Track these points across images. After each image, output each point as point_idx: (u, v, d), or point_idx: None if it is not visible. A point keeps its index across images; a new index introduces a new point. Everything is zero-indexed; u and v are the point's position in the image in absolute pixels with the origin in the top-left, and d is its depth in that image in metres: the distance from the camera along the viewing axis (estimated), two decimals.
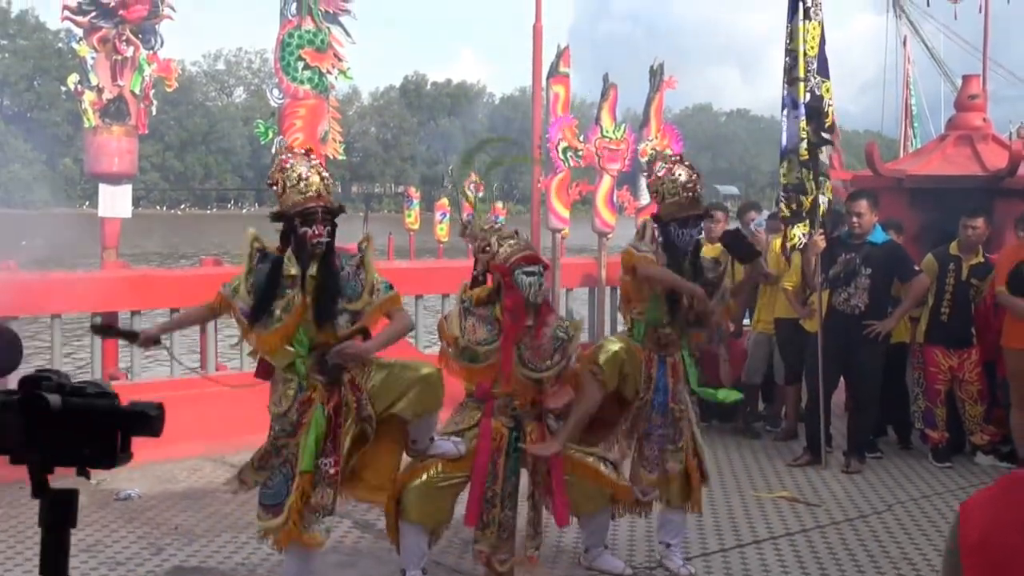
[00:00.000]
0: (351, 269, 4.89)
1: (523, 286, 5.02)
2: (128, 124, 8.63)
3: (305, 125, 8.92)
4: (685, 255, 5.57)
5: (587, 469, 5.28)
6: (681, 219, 5.47)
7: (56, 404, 1.56)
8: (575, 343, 5.19)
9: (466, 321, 5.10)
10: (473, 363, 5.12)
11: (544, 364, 5.11)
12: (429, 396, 4.92)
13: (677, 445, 5.64)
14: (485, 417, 5.18)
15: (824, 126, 7.65)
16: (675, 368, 5.63)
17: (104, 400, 1.59)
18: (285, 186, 4.71)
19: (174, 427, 1.93)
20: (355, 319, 4.89)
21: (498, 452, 5.16)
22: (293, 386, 4.84)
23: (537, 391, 5.17)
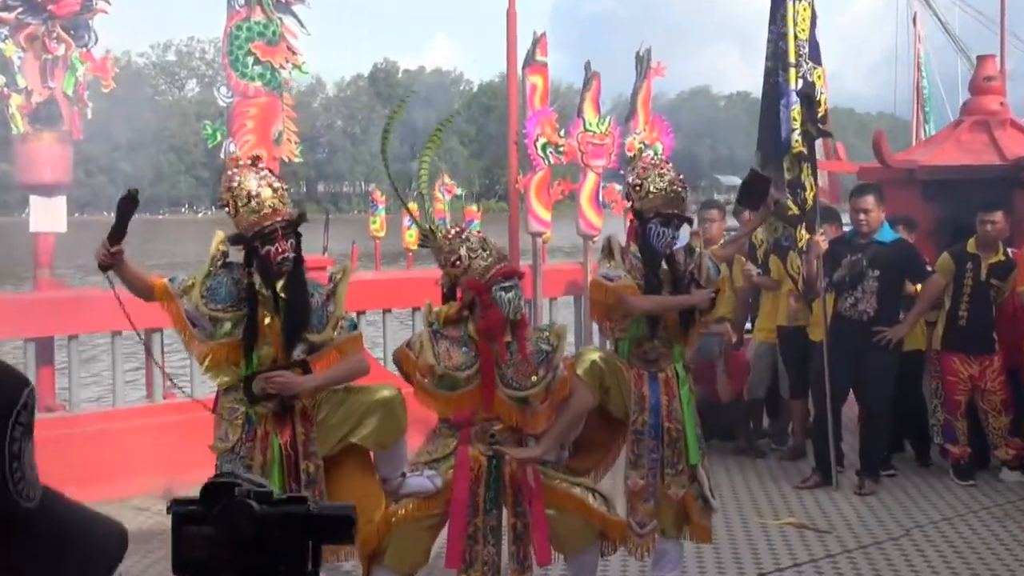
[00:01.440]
0: (320, 298, 4.95)
1: (502, 304, 4.98)
2: (61, 129, 8.58)
3: (257, 126, 8.87)
4: (662, 258, 5.57)
5: (572, 501, 5.25)
6: (665, 216, 5.48)
7: (260, 514, 1.47)
8: (560, 352, 5.17)
9: (438, 346, 5.06)
10: (453, 391, 5.09)
11: (529, 381, 5.08)
12: (391, 423, 4.92)
13: (677, 468, 5.63)
14: (461, 445, 5.14)
15: (818, 116, 7.64)
16: (668, 384, 5.62)
17: (299, 506, 1.52)
18: (237, 206, 4.74)
19: (119, 462, 1.88)
20: (311, 352, 4.92)
21: (477, 483, 5.12)
22: (240, 417, 4.84)
23: (522, 412, 5.13)
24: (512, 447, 5.17)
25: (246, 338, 4.80)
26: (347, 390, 5.00)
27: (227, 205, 4.79)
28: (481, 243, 5.13)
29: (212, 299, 4.82)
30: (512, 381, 5.08)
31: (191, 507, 1.50)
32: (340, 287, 4.99)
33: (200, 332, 4.84)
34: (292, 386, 4.85)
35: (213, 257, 4.86)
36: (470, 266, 5.05)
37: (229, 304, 4.82)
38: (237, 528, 1.48)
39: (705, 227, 9.19)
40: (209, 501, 1.49)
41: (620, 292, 5.49)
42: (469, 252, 5.07)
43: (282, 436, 4.84)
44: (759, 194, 6.00)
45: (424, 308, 5.21)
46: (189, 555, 1.51)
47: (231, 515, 1.49)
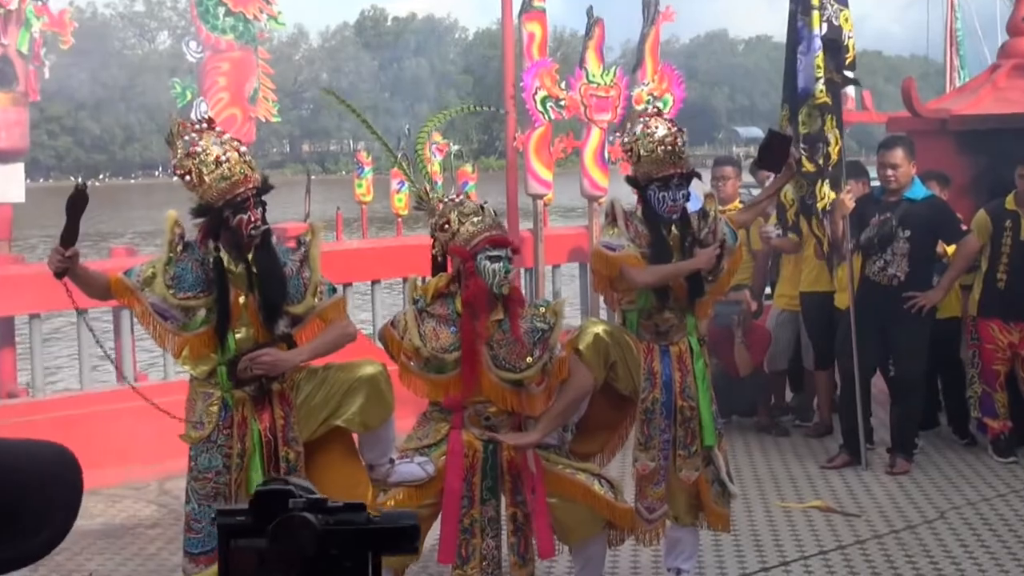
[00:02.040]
0: (293, 266, 4.91)
1: (485, 273, 4.97)
2: (16, 91, 8.54)
3: (230, 83, 8.84)
4: (670, 224, 5.54)
5: (576, 488, 5.25)
6: (661, 179, 5.44)
7: (320, 526, 1.45)
8: (557, 331, 5.16)
9: (424, 325, 5.06)
10: (442, 374, 5.08)
11: (523, 363, 5.08)
12: (377, 402, 4.91)
13: (690, 450, 5.63)
14: (454, 430, 5.14)
15: (845, 62, 7.59)
16: (681, 358, 5.61)
17: (358, 515, 1.50)
18: (202, 174, 4.67)
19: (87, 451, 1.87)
20: (294, 325, 4.91)
21: (472, 471, 5.13)
22: (216, 403, 4.82)
23: (517, 395, 5.13)
24: (509, 431, 5.17)
25: (220, 322, 4.77)
26: (327, 367, 4.98)
27: (188, 173, 4.68)
28: (476, 209, 5.11)
29: (179, 287, 4.76)
30: (505, 362, 5.07)
31: (239, 518, 1.48)
32: (312, 250, 4.95)
33: (172, 324, 4.79)
34: (281, 363, 4.82)
35: (171, 242, 4.78)
36: (458, 231, 5.03)
37: (200, 289, 4.77)
38: (296, 543, 1.45)
39: (719, 185, 9.17)
40: (260, 512, 1.47)
41: (622, 263, 5.46)
42: (460, 216, 5.05)
43: (261, 421, 4.83)
44: (780, 154, 5.96)
45: (408, 284, 5.21)
46: (238, 572, 1.49)
47: (290, 529, 1.45)
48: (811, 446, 8.75)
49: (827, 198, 7.74)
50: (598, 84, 10.04)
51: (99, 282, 4.83)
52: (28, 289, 7.98)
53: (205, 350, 4.81)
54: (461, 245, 5.03)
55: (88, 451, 7.29)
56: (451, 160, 12.67)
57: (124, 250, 9.60)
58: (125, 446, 7.74)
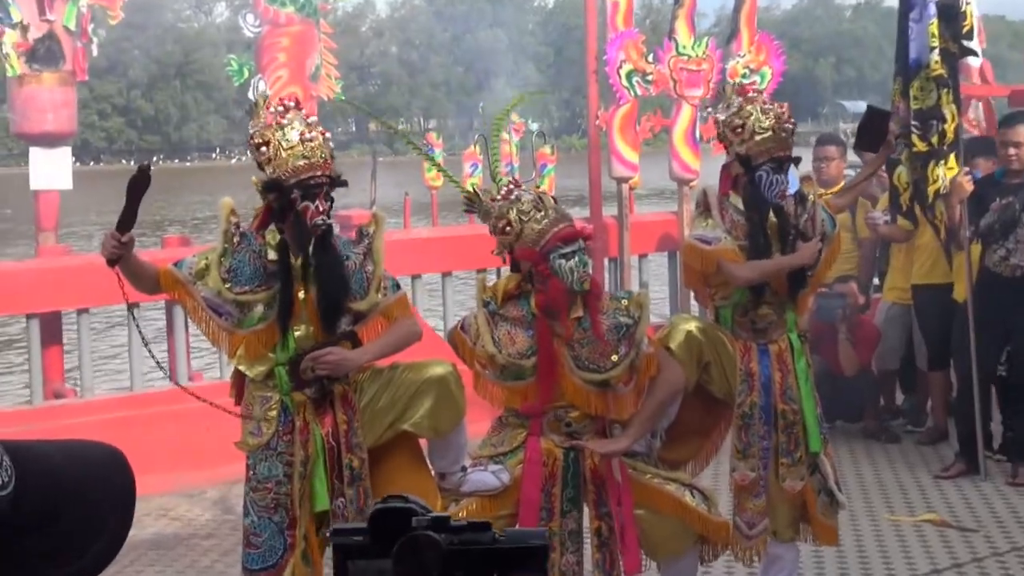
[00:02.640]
0: (356, 259, 4.93)
1: (563, 273, 4.94)
2: (62, 70, 8.67)
3: (290, 59, 8.92)
4: (769, 211, 5.52)
5: (666, 500, 5.23)
6: (775, 160, 5.44)
7: (445, 546, 1.47)
8: (643, 324, 5.13)
9: (498, 329, 5.05)
10: (520, 380, 5.08)
11: (608, 361, 5.06)
12: (447, 405, 4.93)
13: (794, 457, 5.61)
14: (532, 436, 5.14)
15: (963, 31, 7.48)
16: (781, 357, 5.59)
17: (483, 535, 1.51)
18: (281, 147, 4.71)
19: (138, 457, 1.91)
20: (357, 322, 4.94)
21: (552, 480, 5.12)
22: (275, 407, 4.86)
23: (603, 398, 5.11)
24: (592, 438, 5.16)
25: (281, 317, 4.80)
26: (393, 368, 5.00)
27: (265, 144, 4.72)
28: (535, 203, 5.04)
29: (236, 280, 4.79)
30: (588, 363, 5.05)
31: (357, 538, 1.49)
32: (376, 242, 4.96)
33: (227, 321, 4.83)
34: (346, 363, 4.85)
35: (227, 232, 4.81)
36: (522, 232, 5.00)
37: (258, 283, 4.80)
38: (421, 564, 1.47)
39: (821, 167, 9.10)
40: (380, 531, 1.49)
41: (719, 258, 5.45)
42: (520, 215, 5.01)
43: (323, 426, 4.86)
44: (878, 132, 5.92)
45: (477, 284, 5.19)
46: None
47: (415, 549, 1.47)
48: (924, 454, 8.66)
49: (939, 181, 7.64)
50: (689, 56, 10.00)
51: (149, 273, 4.87)
52: (76, 281, 8.12)
53: (263, 349, 4.84)
54: (529, 247, 5.00)
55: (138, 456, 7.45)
56: (530, 140, 12.68)
57: (178, 239, 9.74)
58: (177, 450, 7.85)
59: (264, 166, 4.77)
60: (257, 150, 4.77)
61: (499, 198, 5.08)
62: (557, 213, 5.05)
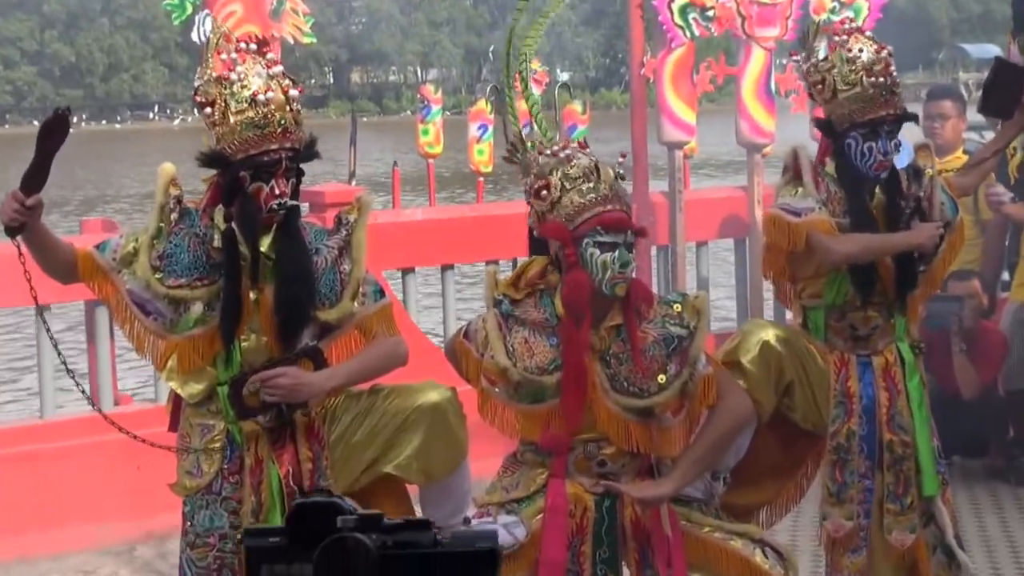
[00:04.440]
0: (329, 254, 4.86)
1: (593, 266, 4.89)
2: None
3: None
4: (874, 185, 5.54)
5: (731, 560, 5.21)
6: (867, 124, 5.46)
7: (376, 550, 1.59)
8: (700, 337, 5.09)
9: (512, 337, 5.00)
10: (539, 403, 5.04)
11: (654, 383, 5.03)
12: (443, 442, 4.92)
13: (903, 503, 5.62)
14: (555, 478, 5.09)
15: None
16: (888, 374, 5.61)
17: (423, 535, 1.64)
18: (229, 109, 4.65)
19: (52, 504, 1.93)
20: (323, 336, 4.89)
21: (581, 535, 5.09)
22: (219, 439, 4.84)
23: (645, 430, 5.08)
24: (632, 480, 5.13)
25: (225, 322, 4.75)
26: (374, 391, 4.97)
27: (210, 104, 4.67)
28: (588, 170, 4.95)
29: (170, 270, 4.72)
30: (628, 384, 5.00)
31: (273, 539, 1.61)
32: (357, 234, 4.90)
33: (156, 322, 4.77)
34: (303, 388, 4.77)
35: (163, 206, 4.74)
36: (559, 201, 4.95)
37: (197, 275, 4.73)
38: (348, 571, 1.57)
39: (934, 128, 9.08)
40: (300, 532, 1.59)
41: (811, 231, 5.47)
42: (564, 180, 4.95)
43: (281, 465, 4.84)
44: (1010, 92, 5.88)
45: (487, 278, 5.12)
46: None
47: (340, 553, 1.57)
48: None
49: None
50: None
51: (62, 252, 4.80)
52: None
53: (199, 361, 4.79)
54: (562, 222, 4.96)
55: (52, 503, 7.42)
56: (555, 94, 12.65)
57: (100, 223, 9.74)
58: (102, 494, 7.83)
59: (210, 130, 4.73)
60: (200, 110, 4.73)
61: (548, 153, 5.00)
62: (612, 191, 4.96)
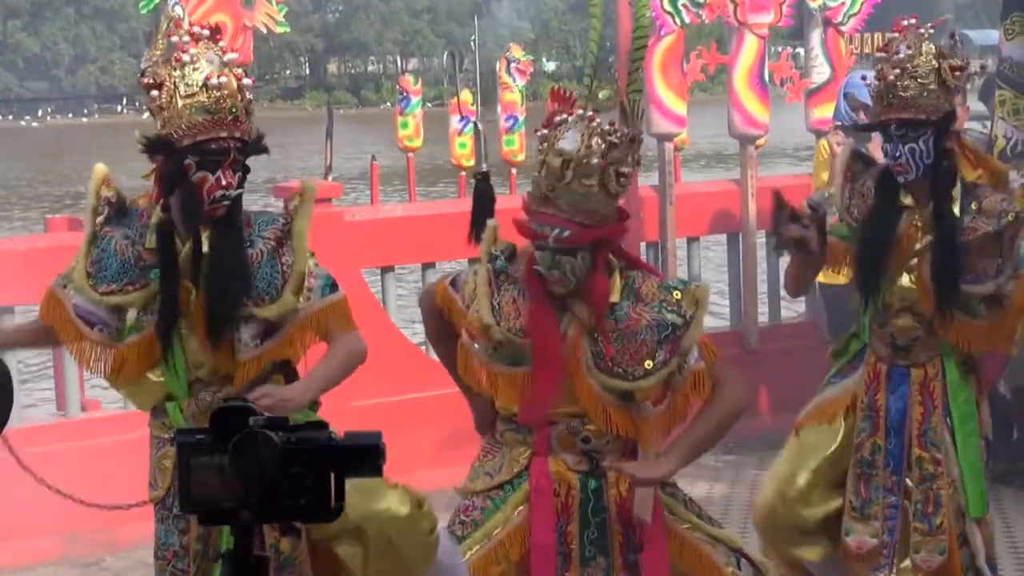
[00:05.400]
0: (266, 245, 4.79)
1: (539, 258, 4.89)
2: None
3: None
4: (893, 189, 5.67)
5: (704, 563, 5.16)
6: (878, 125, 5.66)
7: (281, 444, 2.01)
8: (695, 329, 5.06)
9: (501, 294, 4.99)
10: (515, 367, 5.01)
11: (640, 367, 5.01)
12: (412, 554, 4.92)
13: (933, 523, 5.62)
14: (538, 456, 5.08)
15: None
16: (927, 387, 5.64)
17: (320, 434, 2.07)
18: (177, 93, 4.60)
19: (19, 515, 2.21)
20: (266, 334, 4.82)
21: (567, 514, 5.08)
22: (171, 455, 4.77)
23: (624, 414, 5.04)
24: (616, 460, 5.09)
25: (162, 322, 4.67)
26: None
27: (158, 87, 4.61)
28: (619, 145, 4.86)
29: (101, 276, 4.69)
30: (612, 364, 4.99)
31: (199, 436, 2.01)
32: (297, 223, 4.81)
33: (102, 333, 4.74)
34: (286, 406, 4.67)
35: (94, 209, 4.72)
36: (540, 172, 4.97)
37: (128, 279, 4.68)
38: (255, 461, 1.99)
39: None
40: (220, 430, 1.99)
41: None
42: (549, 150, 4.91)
43: None
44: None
45: (488, 231, 5.13)
46: (199, 492, 2.04)
47: (249, 447, 1.99)
48: None
49: None
50: None
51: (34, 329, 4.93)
52: None
53: (140, 368, 4.76)
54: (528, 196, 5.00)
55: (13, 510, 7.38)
56: (542, 84, 12.65)
57: (65, 221, 9.71)
58: (69, 504, 7.79)
59: (155, 116, 4.68)
60: (147, 92, 4.65)
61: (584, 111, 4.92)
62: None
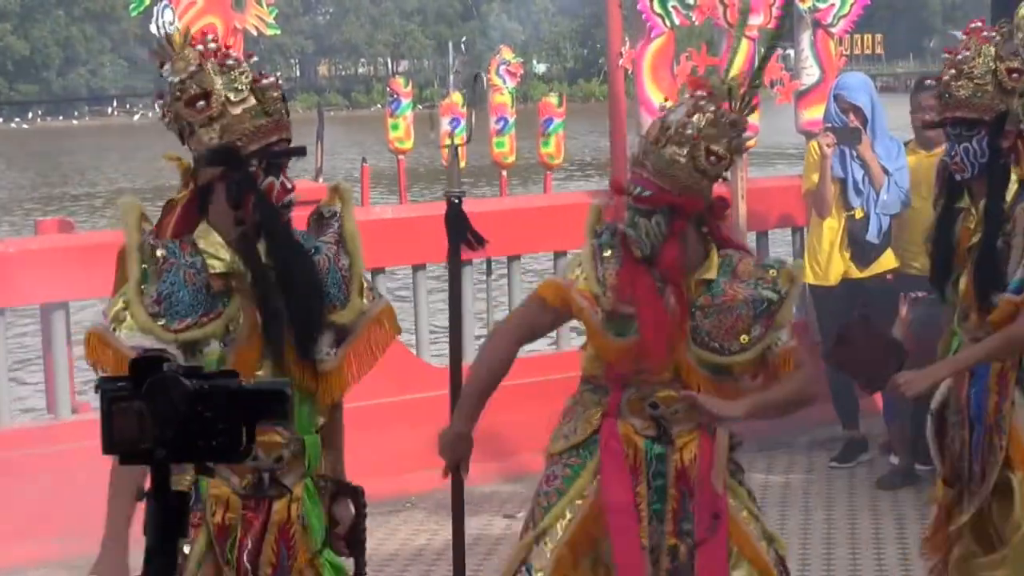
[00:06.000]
0: (330, 251, 4.61)
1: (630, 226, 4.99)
2: None
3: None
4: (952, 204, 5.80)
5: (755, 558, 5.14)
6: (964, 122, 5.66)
7: (192, 388, 2.19)
8: (790, 304, 5.11)
9: (604, 267, 5.06)
10: (622, 337, 5.04)
11: (736, 342, 5.05)
12: None
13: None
14: (608, 417, 5.11)
15: None
16: (1002, 378, 5.70)
17: (230, 381, 2.24)
18: (228, 100, 4.33)
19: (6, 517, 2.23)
20: (340, 343, 4.64)
21: (636, 475, 5.10)
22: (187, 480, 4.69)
23: (720, 390, 5.08)
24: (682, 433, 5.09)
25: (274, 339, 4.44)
26: None
27: (204, 98, 4.31)
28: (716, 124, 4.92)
29: (173, 313, 4.39)
30: (708, 338, 5.04)
31: (120, 383, 2.20)
32: (347, 225, 4.59)
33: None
34: None
35: (140, 246, 4.37)
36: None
37: (203, 311, 4.41)
38: (168, 404, 2.19)
39: (924, 120, 9.11)
40: (138, 377, 2.20)
41: None
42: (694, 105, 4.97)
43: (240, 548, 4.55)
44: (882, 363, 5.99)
45: (591, 213, 5.20)
46: (120, 434, 2.21)
47: (162, 390, 2.19)
48: None
49: None
50: None
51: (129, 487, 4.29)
52: None
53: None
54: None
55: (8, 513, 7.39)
56: (532, 87, 12.67)
57: (56, 223, 9.71)
58: (61, 503, 7.80)
59: (201, 129, 4.37)
60: (191, 106, 4.33)
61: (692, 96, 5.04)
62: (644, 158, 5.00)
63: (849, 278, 9.21)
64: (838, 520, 8.36)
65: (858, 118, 9.11)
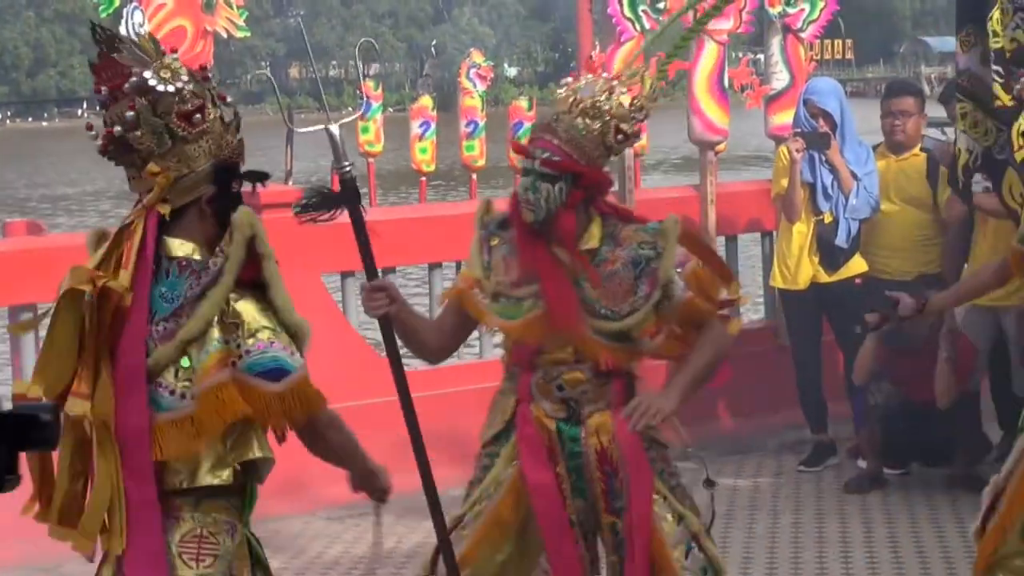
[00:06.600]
0: None
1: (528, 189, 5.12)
2: None
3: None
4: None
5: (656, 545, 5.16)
6: None
7: None
8: (668, 259, 5.14)
9: (494, 255, 5.23)
10: (512, 319, 5.18)
11: (625, 305, 5.11)
12: None
13: None
14: (521, 403, 5.22)
15: None
16: None
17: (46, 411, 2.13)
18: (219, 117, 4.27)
19: None
20: None
21: (552, 458, 5.19)
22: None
23: (629, 357, 5.22)
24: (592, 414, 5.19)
25: None
26: None
27: (199, 111, 4.19)
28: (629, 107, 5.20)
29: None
30: (598, 307, 5.11)
31: None
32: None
33: None
34: None
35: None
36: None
37: None
38: None
39: (895, 125, 9.15)
40: None
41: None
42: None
43: None
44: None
45: (480, 206, 5.44)
46: None
47: None
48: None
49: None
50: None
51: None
52: None
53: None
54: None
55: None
56: (502, 90, 12.70)
57: (24, 225, 9.69)
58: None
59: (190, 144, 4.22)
60: (186, 119, 4.18)
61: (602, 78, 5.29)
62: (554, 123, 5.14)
63: (818, 282, 9.19)
64: (806, 524, 8.38)
65: (827, 123, 9.11)
